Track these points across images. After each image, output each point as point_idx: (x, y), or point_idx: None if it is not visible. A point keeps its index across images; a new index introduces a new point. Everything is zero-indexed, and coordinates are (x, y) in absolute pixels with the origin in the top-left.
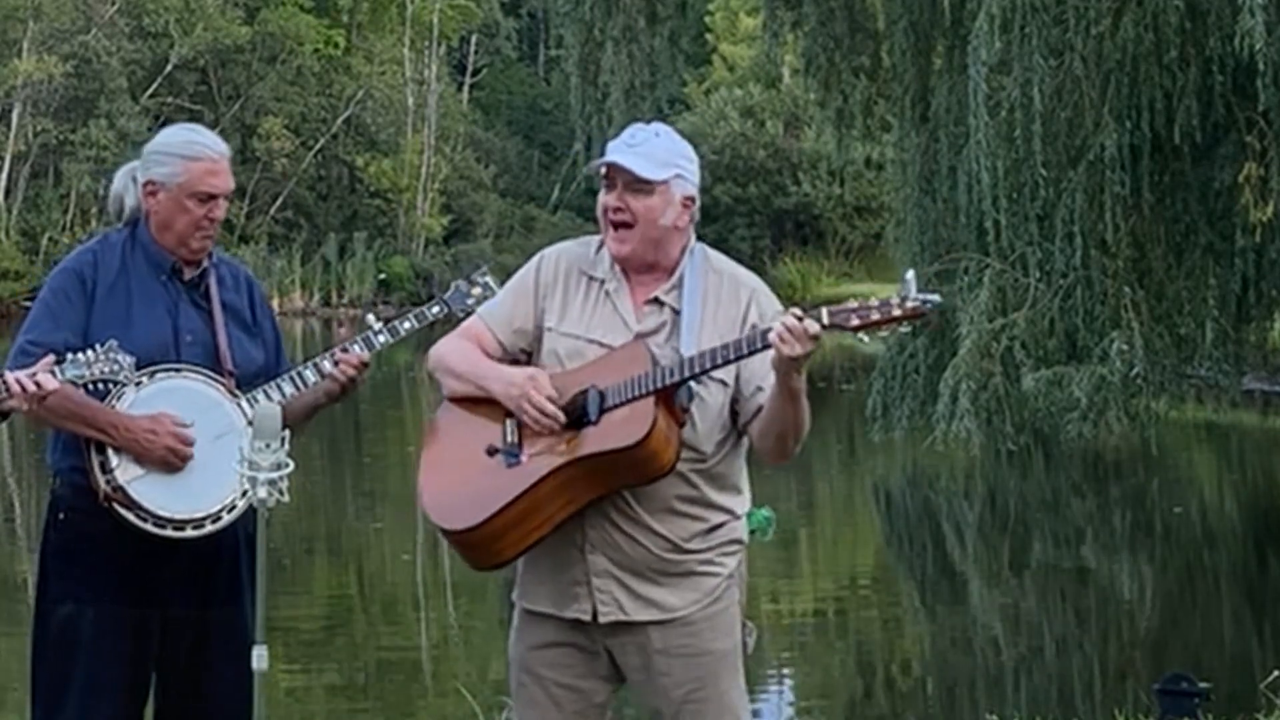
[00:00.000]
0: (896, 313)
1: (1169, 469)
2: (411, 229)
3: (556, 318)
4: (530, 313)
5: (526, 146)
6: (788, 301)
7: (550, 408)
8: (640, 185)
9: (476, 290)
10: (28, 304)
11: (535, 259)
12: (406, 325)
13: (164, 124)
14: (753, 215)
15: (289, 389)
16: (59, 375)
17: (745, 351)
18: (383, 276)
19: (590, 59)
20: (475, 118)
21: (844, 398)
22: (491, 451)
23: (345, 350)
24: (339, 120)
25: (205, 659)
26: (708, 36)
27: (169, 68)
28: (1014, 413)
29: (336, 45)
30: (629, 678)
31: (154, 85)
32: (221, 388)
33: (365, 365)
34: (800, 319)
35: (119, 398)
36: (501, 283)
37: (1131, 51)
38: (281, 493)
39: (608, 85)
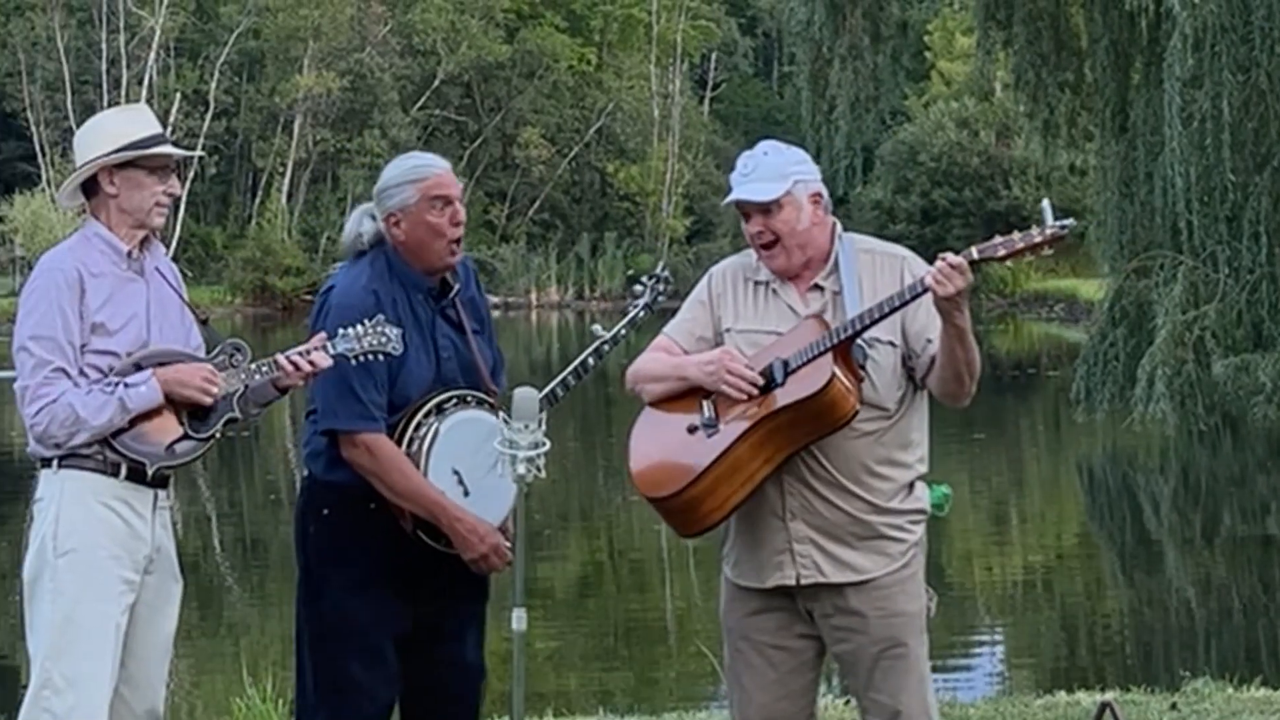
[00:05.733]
0: (1038, 239)
1: None
2: (657, 229)
3: (733, 318)
4: (708, 320)
5: None
6: (1000, 294)
7: (747, 371)
8: (768, 207)
9: (661, 285)
10: (309, 297)
11: (706, 275)
12: (622, 331)
13: (432, 134)
14: (968, 217)
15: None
16: (330, 350)
17: (907, 299)
18: (631, 273)
19: (820, 75)
20: (715, 128)
21: (1051, 383)
22: (692, 429)
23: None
24: (591, 130)
25: (444, 643)
26: (926, 54)
27: (436, 82)
28: (1205, 396)
29: (589, 62)
30: (827, 636)
31: (422, 98)
32: (494, 412)
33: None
34: (952, 259)
35: (426, 428)
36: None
37: None
38: (539, 469)
39: (835, 98)
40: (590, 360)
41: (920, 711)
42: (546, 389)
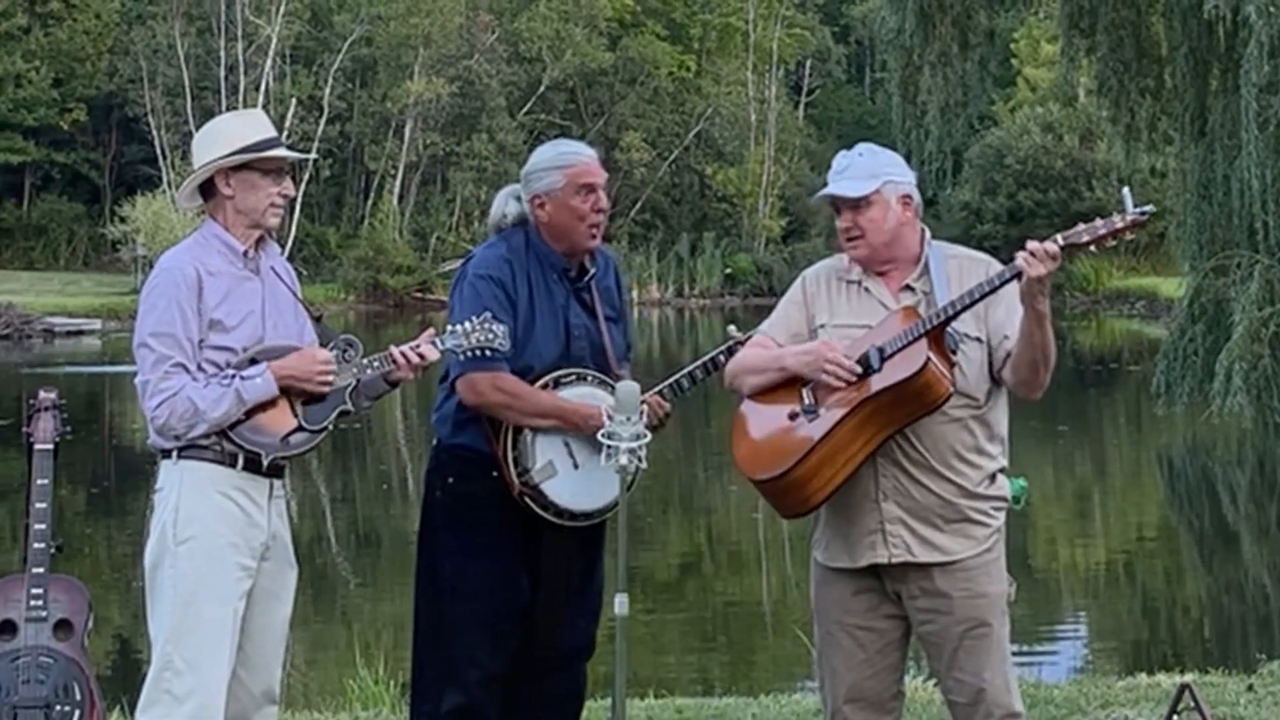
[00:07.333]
0: (1120, 224)
1: None
2: (754, 229)
3: (828, 315)
4: (803, 319)
5: None
6: (1084, 292)
7: (844, 359)
8: (857, 203)
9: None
10: (419, 295)
11: (800, 278)
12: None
13: (537, 138)
14: (1052, 218)
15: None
16: (439, 345)
17: (996, 284)
18: (729, 271)
19: (910, 81)
20: (809, 132)
21: (1132, 377)
22: (793, 415)
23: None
24: (690, 134)
25: (562, 609)
26: (1013, 61)
27: (542, 88)
28: None
29: (688, 69)
30: (913, 617)
31: (528, 104)
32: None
33: None
34: (1039, 246)
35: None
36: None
37: None
38: (640, 460)
39: (925, 104)
40: (720, 357)
41: (1003, 689)
42: (673, 378)
